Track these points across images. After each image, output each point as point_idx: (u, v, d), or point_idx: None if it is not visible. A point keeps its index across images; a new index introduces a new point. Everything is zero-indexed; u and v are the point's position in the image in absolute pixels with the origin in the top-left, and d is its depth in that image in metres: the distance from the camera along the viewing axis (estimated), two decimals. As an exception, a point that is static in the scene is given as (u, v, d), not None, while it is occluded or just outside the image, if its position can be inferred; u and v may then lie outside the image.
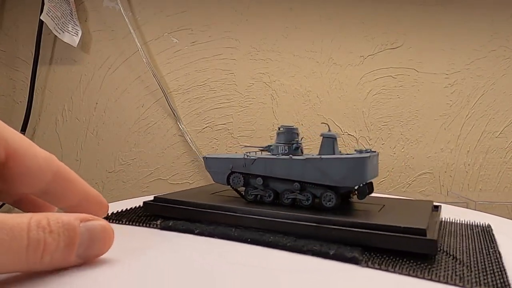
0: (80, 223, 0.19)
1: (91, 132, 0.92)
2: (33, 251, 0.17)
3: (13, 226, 0.16)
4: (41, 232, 0.17)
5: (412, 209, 0.29)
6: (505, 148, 0.94)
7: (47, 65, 0.91)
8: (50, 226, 0.17)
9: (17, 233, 0.16)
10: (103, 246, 0.20)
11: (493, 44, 0.92)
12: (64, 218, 0.18)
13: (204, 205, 0.30)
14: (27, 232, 0.17)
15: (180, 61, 0.91)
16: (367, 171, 0.28)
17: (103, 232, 0.20)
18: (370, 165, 0.28)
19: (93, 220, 0.20)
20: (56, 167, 0.23)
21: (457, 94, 0.93)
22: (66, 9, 0.88)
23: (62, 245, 0.18)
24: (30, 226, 0.17)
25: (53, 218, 0.18)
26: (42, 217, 0.18)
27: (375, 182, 1.00)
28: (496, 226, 0.32)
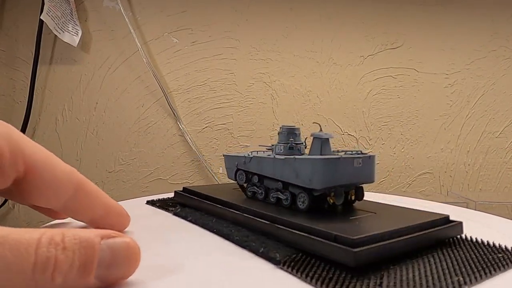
0: (101, 240, 0.16)
1: (91, 132, 0.92)
2: (41, 270, 0.15)
3: (19, 241, 0.14)
4: (53, 249, 0.15)
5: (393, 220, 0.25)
6: (505, 148, 0.94)
7: (47, 65, 0.91)
8: (64, 243, 0.15)
9: (23, 249, 0.14)
10: (127, 267, 0.17)
11: (493, 44, 0.92)
12: (82, 234, 0.16)
13: (206, 196, 0.34)
14: (35, 249, 0.15)
15: (180, 61, 0.91)
16: (338, 173, 0.26)
17: (127, 250, 0.17)
18: (345, 168, 0.26)
19: (116, 237, 0.17)
20: (76, 181, 0.22)
21: (457, 94, 0.93)
22: (66, 9, 0.88)
23: (77, 264, 0.15)
24: (40, 242, 0.15)
25: (69, 234, 0.16)
26: (56, 232, 0.16)
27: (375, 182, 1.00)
28: (496, 226, 0.31)
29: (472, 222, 0.33)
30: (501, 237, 0.29)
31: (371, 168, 0.28)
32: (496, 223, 0.33)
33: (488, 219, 0.35)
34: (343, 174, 0.26)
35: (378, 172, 0.92)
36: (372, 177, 0.29)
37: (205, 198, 0.34)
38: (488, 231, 0.30)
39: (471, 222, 0.33)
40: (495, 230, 0.30)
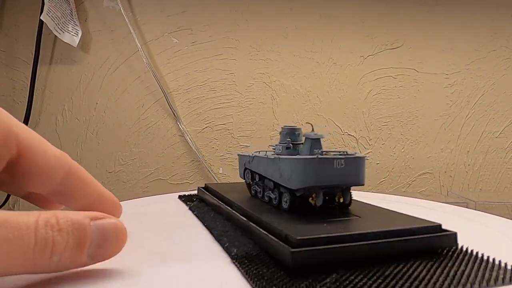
0: (90, 222, 0.18)
1: (91, 132, 0.92)
2: (41, 251, 0.16)
3: (19, 225, 0.15)
4: (49, 230, 0.16)
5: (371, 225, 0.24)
6: (505, 148, 0.94)
7: (47, 65, 0.91)
8: (59, 225, 0.17)
9: (24, 232, 0.15)
10: (115, 246, 0.19)
11: (493, 44, 0.92)
12: (73, 217, 0.17)
13: (215, 193, 0.36)
14: (34, 231, 0.16)
15: (180, 61, 0.92)
16: (316, 174, 0.25)
17: (115, 230, 0.19)
18: (324, 168, 0.25)
19: (104, 219, 0.18)
20: (68, 166, 0.23)
21: (457, 94, 0.93)
22: (66, 9, 0.88)
23: (72, 245, 0.17)
24: (37, 225, 0.16)
25: (62, 216, 0.17)
26: (50, 215, 0.17)
27: (375, 182, 1.00)
28: (496, 226, 0.32)
29: (472, 222, 0.33)
30: (501, 237, 0.29)
31: (358, 170, 0.27)
32: (497, 223, 0.33)
33: (489, 219, 0.35)
34: (322, 175, 0.25)
35: (378, 172, 0.93)
36: (360, 180, 0.27)
37: (213, 195, 0.36)
38: (488, 231, 0.31)
39: (472, 222, 0.33)
40: (495, 230, 0.30)
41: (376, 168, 0.93)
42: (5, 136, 0.19)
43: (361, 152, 0.93)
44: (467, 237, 0.29)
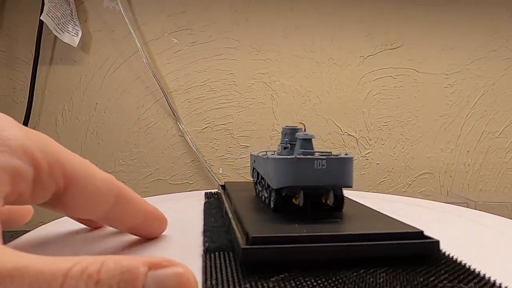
0: (148, 271, 0.13)
1: (91, 132, 0.92)
2: None
3: (42, 273, 0.12)
4: (83, 283, 0.12)
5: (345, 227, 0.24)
6: (505, 149, 0.94)
7: (47, 65, 0.91)
8: (100, 274, 0.12)
9: (45, 283, 0.12)
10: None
11: (493, 44, 0.92)
12: (125, 263, 0.13)
13: (225, 190, 0.38)
14: (62, 282, 0.12)
15: (180, 61, 0.92)
16: (295, 174, 0.25)
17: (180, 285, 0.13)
18: (304, 169, 0.25)
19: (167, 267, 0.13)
20: (117, 189, 0.21)
21: (457, 94, 0.93)
22: (66, 9, 0.88)
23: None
24: (68, 274, 0.12)
25: (110, 262, 0.13)
26: (95, 260, 0.13)
27: (375, 182, 0.99)
28: (496, 226, 0.32)
29: (472, 222, 0.33)
30: (501, 237, 0.29)
31: (342, 171, 0.26)
32: (497, 223, 0.33)
33: (489, 219, 0.35)
34: (302, 175, 0.25)
35: (378, 172, 0.93)
36: (345, 181, 0.26)
37: (225, 192, 0.37)
38: (488, 231, 0.31)
39: (472, 222, 0.33)
40: (495, 230, 0.30)
41: (376, 168, 0.93)
42: (51, 165, 0.18)
43: (361, 152, 0.93)
44: (467, 237, 0.29)
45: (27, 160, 0.17)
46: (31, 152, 0.17)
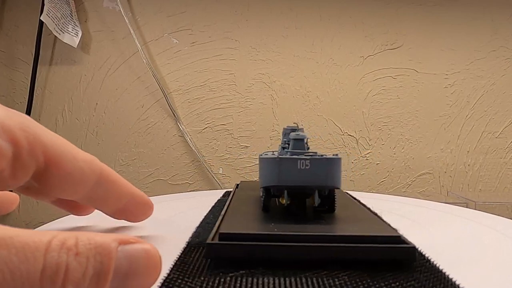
0: (118, 246, 0.14)
1: (91, 132, 0.92)
2: (50, 278, 0.13)
3: (27, 244, 0.13)
4: (64, 254, 0.13)
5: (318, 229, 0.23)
6: (505, 149, 0.94)
7: (47, 65, 0.92)
8: (78, 247, 0.13)
9: (30, 254, 0.13)
10: (145, 278, 0.15)
11: (493, 45, 0.92)
12: (98, 239, 0.14)
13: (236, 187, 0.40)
14: (44, 253, 0.13)
15: (180, 62, 0.92)
16: (278, 173, 0.25)
17: (147, 259, 0.15)
18: (287, 169, 0.25)
19: (135, 243, 0.15)
20: (99, 169, 0.21)
21: (457, 95, 0.93)
22: (66, 9, 0.88)
23: (91, 273, 0.14)
24: (50, 246, 0.13)
25: (83, 237, 0.14)
26: (70, 236, 0.14)
27: (375, 182, 0.99)
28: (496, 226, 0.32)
29: (472, 222, 0.33)
30: (501, 237, 0.29)
31: (327, 172, 0.25)
32: (497, 223, 0.33)
33: (489, 219, 0.35)
34: (285, 175, 0.25)
35: (378, 173, 0.93)
36: (331, 182, 0.25)
37: (234, 191, 0.38)
38: (488, 231, 0.31)
39: (472, 222, 0.33)
40: (495, 230, 0.30)
41: (376, 168, 0.93)
42: (31, 143, 0.18)
43: (361, 152, 0.93)
44: (467, 237, 0.29)
45: (6, 138, 0.17)
46: (10, 129, 0.17)
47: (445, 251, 0.25)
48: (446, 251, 0.25)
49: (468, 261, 0.23)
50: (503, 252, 0.25)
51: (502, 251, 0.26)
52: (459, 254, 0.25)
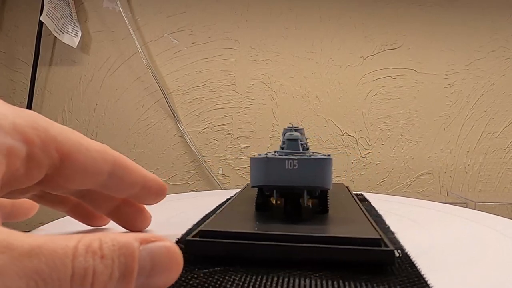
0: (140, 246, 0.15)
1: (91, 133, 0.92)
2: (79, 283, 0.13)
3: (55, 252, 0.13)
4: (90, 258, 0.14)
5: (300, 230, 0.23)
6: (505, 149, 0.94)
7: (47, 66, 0.92)
8: (102, 250, 0.14)
9: (59, 261, 0.13)
10: (168, 275, 0.16)
11: (493, 45, 0.92)
12: (120, 239, 0.15)
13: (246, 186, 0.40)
14: (72, 259, 0.13)
15: (180, 62, 0.92)
16: (266, 173, 0.26)
17: (168, 256, 0.16)
18: (275, 169, 0.25)
19: (156, 242, 0.15)
20: (112, 157, 0.22)
21: (457, 95, 0.93)
22: (66, 10, 0.88)
23: (117, 275, 0.14)
24: (76, 251, 0.13)
25: (107, 239, 0.14)
26: (93, 238, 0.14)
27: (375, 182, 0.99)
28: (497, 226, 0.32)
29: (472, 222, 0.33)
30: (501, 237, 0.29)
31: (315, 172, 0.25)
32: (497, 223, 0.33)
33: (489, 219, 0.35)
34: (273, 175, 0.25)
35: (377, 173, 0.93)
36: (320, 182, 0.25)
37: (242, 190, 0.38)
38: (488, 231, 0.31)
39: (472, 222, 0.33)
40: (495, 230, 0.30)
41: (375, 168, 0.93)
42: (43, 140, 0.18)
43: (361, 152, 0.93)
44: (467, 237, 0.29)
45: (19, 138, 0.17)
46: (22, 129, 0.17)
47: (445, 251, 0.25)
48: (446, 251, 0.25)
49: (468, 261, 0.23)
50: (503, 252, 0.25)
51: (502, 251, 0.26)
52: (459, 254, 0.25)
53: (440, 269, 0.22)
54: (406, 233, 0.29)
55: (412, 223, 0.32)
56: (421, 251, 0.25)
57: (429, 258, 0.23)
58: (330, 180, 0.26)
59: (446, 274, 0.21)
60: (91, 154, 0.20)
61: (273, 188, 0.26)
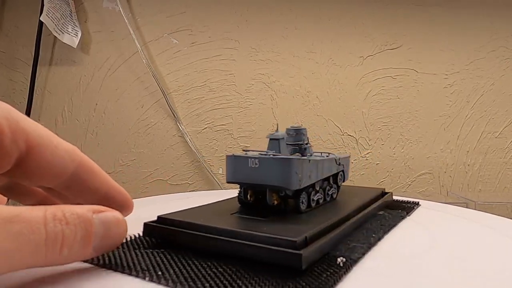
0: (93, 215, 0.18)
1: (90, 133, 0.92)
2: (52, 244, 0.16)
3: (30, 219, 0.16)
4: (58, 224, 0.17)
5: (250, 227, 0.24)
6: (505, 149, 0.94)
7: (46, 66, 0.92)
8: (66, 218, 0.17)
9: (35, 227, 0.16)
10: (117, 238, 0.20)
11: (493, 45, 0.92)
12: (78, 210, 0.18)
13: None
14: (44, 225, 0.16)
15: (180, 62, 0.92)
16: (234, 171, 0.27)
17: (116, 223, 0.19)
18: (241, 167, 0.26)
19: (106, 212, 0.19)
20: (79, 159, 0.23)
21: (457, 95, 0.93)
22: (65, 10, 0.88)
23: (79, 238, 0.17)
24: (46, 219, 0.16)
25: (67, 210, 0.17)
26: (56, 209, 0.17)
27: (375, 182, 0.99)
28: (497, 226, 0.32)
29: (472, 222, 0.33)
30: (501, 237, 0.29)
31: (276, 172, 0.26)
32: (497, 223, 0.33)
33: (489, 219, 0.35)
34: (239, 173, 0.27)
35: (377, 173, 0.93)
36: (281, 182, 0.26)
37: None
38: (488, 231, 0.31)
39: (472, 222, 0.33)
40: (496, 230, 0.30)
41: (375, 168, 0.93)
42: (13, 131, 0.19)
43: (361, 152, 0.93)
44: (467, 237, 0.29)
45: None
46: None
47: (444, 251, 0.25)
48: (446, 251, 0.25)
49: (468, 261, 0.23)
50: (503, 252, 0.25)
51: (502, 251, 0.26)
52: (459, 254, 0.25)
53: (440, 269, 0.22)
54: (406, 233, 0.29)
55: (412, 223, 0.32)
56: (421, 251, 0.25)
57: (429, 258, 0.23)
58: (294, 181, 0.26)
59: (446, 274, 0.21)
60: (58, 152, 0.21)
61: (241, 185, 0.28)
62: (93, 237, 0.18)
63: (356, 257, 0.22)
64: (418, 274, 0.21)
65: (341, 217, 0.27)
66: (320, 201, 0.31)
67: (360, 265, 0.22)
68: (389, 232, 0.28)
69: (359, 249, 0.23)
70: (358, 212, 0.29)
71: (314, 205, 0.30)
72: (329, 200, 0.32)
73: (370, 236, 0.26)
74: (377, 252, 0.24)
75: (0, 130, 0.18)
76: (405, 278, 0.20)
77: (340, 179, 0.34)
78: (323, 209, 0.29)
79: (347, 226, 0.26)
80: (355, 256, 0.22)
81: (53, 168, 0.21)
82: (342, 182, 0.35)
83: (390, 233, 0.28)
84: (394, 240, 0.26)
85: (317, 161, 0.29)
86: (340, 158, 0.34)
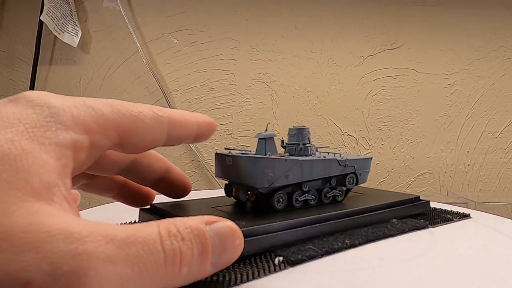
0: (206, 227, 0.17)
1: (91, 132, 0.92)
2: (171, 263, 0.15)
3: (146, 238, 0.15)
4: (174, 241, 0.15)
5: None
6: (505, 149, 0.94)
7: (47, 65, 0.91)
8: (181, 233, 0.16)
9: (152, 246, 0.15)
10: (234, 251, 0.17)
11: (493, 45, 0.92)
12: (190, 223, 0.16)
13: None
14: (161, 243, 0.15)
15: (180, 62, 0.92)
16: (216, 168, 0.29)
17: (232, 234, 0.17)
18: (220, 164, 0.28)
19: (218, 222, 0.17)
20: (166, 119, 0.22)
21: (457, 95, 0.93)
22: (66, 9, 0.88)
23: (197, 254, 0.16)
24: (161, 236, 0.15)
25: (179, 224, 0.16)
26: (168, 223, 0.16)
27: (375, 182, 0.99)
28: (497, 226, 0.32)
29: (472, 222, 0.33)
30: (502, 237, 0.29)
31: (245, 170, 0.26)
32: (497, 223, 0.33)
33: (489, 219, 0.35)
34: (219, 169, 0.29)
35: (378, 173, 0.93)
36: (250, 180, 0.26)
37: None
38: (488, 231, 0.31)
39: (473, 222, 0.33)
40: (496, 230, 0.30)
41: (376, 168, 0.93)
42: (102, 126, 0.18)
43: (361, 152, 0.93)
44: (467, 237, 0.29)
45: (80, 130, 0.17)
46: (81, 120, 0.17)
47: (444, 251, 0.25)
48: (446, 251, 0.25)
49: (468, 261, 0.23)
50: (503, 252, 0.25)
51: (502, 251, 0.26)
52: (459, 254, 0.25)
53: (440, 269, 0.22)
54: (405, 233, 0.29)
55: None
56: (422, 251, 0.25)
57: (429, 258, 0.23)
58: (261, 179, 0.26)
59: (446, 274, 0.21)
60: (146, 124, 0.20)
61: (226, 181, 0.30)
62: (210, 252, 0.16)
63: (298, 259, 0.22)
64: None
65: (312, 220, 0.26)
66: (312, 202, 0.30)
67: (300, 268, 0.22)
68: (376, 242, 0.26)
69: (310, 252, 0.23)
70: (347, 217, 0.28)
71: (299, 205, 0.29)
72: (329, 202, 0.31)
73: (340, 242, 0.25)
74: (336, 260, 0.23)
75: (90, 129, 0.18)
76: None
77: (349, 182, 0.33)
78: (306, 211, 0.28)
79: (309, 229, 0.25)
80: (296, 258, 0.22)
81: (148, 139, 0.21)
82: (355, 185, 0.33)
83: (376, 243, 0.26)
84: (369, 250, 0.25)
85: (300, 161, 0.28)
86: (348, 160, 0.32)
